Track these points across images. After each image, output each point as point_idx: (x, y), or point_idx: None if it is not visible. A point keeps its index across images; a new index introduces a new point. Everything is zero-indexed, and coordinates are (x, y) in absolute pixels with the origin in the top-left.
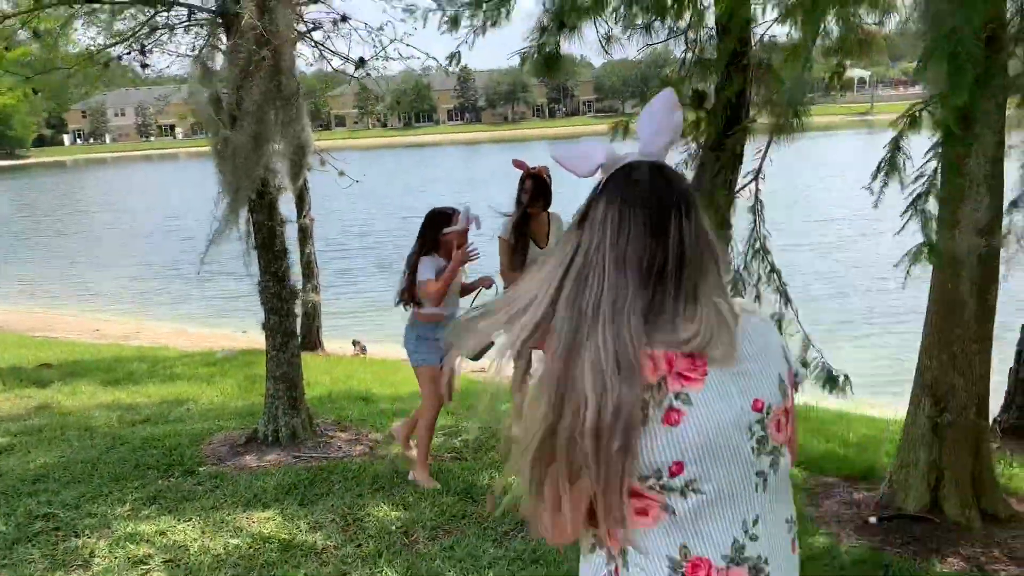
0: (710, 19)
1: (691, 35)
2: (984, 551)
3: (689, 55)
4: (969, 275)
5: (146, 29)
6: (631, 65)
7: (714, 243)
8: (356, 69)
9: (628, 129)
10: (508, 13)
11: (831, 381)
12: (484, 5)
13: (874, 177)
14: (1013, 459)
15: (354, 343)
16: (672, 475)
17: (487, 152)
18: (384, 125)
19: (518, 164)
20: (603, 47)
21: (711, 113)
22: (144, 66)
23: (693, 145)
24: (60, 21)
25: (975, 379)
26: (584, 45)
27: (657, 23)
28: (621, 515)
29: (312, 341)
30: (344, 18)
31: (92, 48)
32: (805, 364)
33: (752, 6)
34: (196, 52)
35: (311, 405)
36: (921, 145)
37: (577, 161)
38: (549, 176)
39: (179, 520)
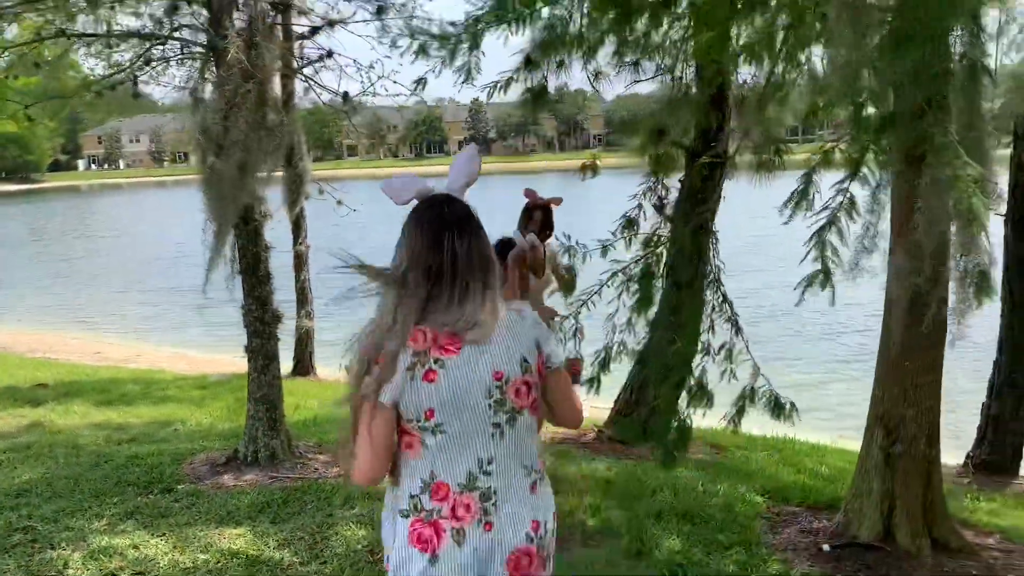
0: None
1: (677, 73)
2: None
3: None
4: (919, 312)
5: (141, 61)
6: (642, 100)
7: (488, 257)
8: (345, 103)
9: (596, 168)
10: (477, 64)
11: (777, 408)
12: (456, 46)
13: (784, 207)
14: (980, 493)
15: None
16: (427, 419)
17: (497, 183)
18: (395, 155)
19: (528, 194)
20: (591, 83)
21: (684, 148)
22: (137, 96)
23: (652, 179)
24: (58, 52)
25: (925, 411)
26: (573, 81)
27: (646, 61)
28: (374, 449)
29: (305, 366)
30: (329, 54)
31: (91, 77)
32: (754, 391)
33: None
34: (188, 84)
35: (296, 428)
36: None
37: (395, 193)
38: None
39: (152, 535)
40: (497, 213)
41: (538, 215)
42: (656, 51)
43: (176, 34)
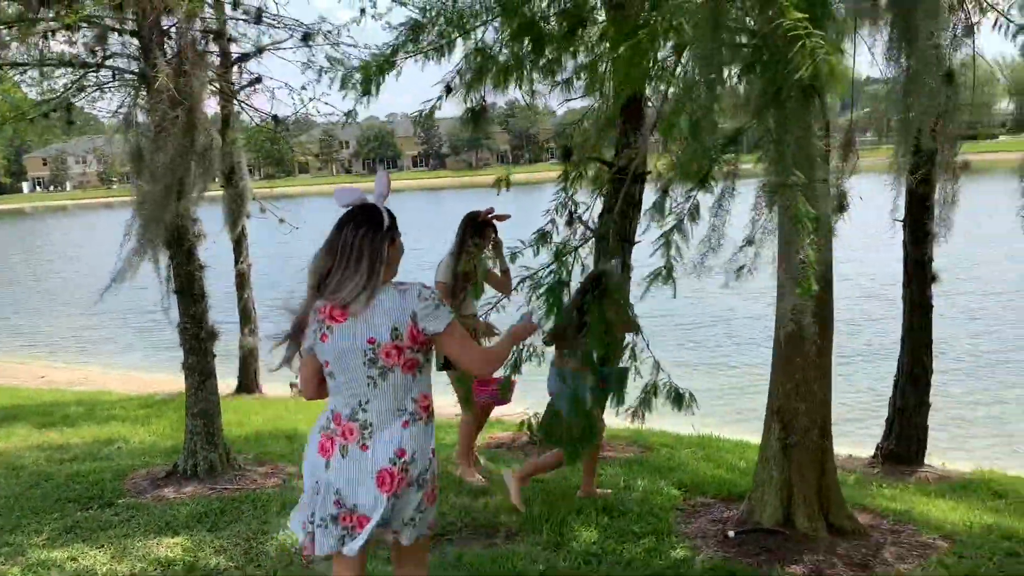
0: None
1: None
2: (825, 559)
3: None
4: (806, 310)
5: (75, 88)
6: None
7: (375, 250)
8: (277, 125)
9: (509, 182)
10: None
11: (677, 399)
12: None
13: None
14: (884, 481)
15: (291, 385)
16: (326, 367)
17: (450, 198)
18: (348, 171)
19: (488, 212)
20: (526, 102)
21: (605, 163)
22: (70, 123)
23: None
24: None
25: (816, 404)
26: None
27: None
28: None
29: (250, 384)
30: (259, 79)
31: (25, 103)
32: (655, 387)
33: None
34: (121, 110)
35: (238, 444)
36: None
37: (339, 199)
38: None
39: (91, 547)
40: (454, 225)
41: (490, 231)
42: (577, 74)
43: (108, 62)
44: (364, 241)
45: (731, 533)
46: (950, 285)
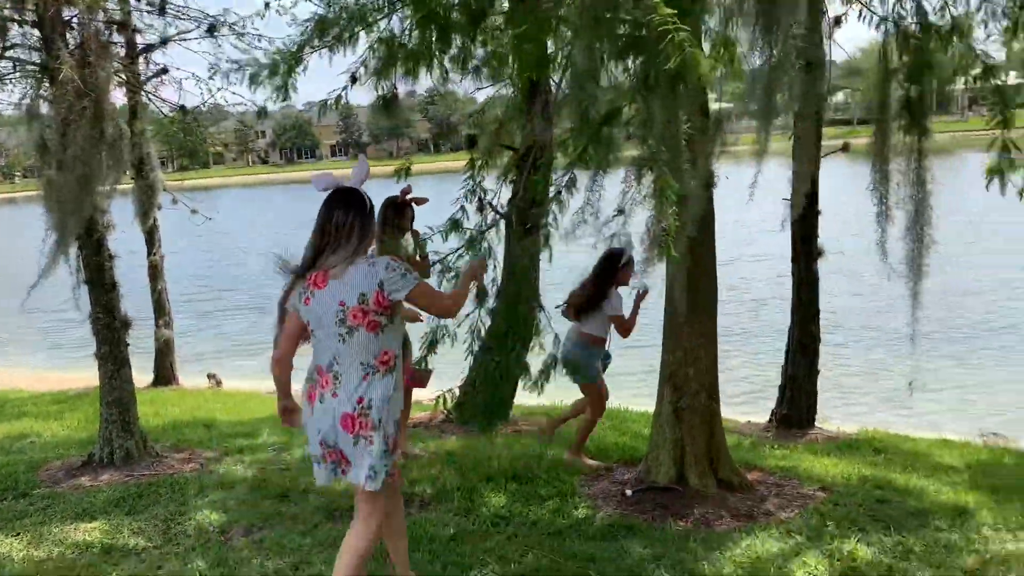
0: None
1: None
2: (713, 511)
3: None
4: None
5: None
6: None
7: (363, 226)
8: (184, 115)
9: (409, 171)
10: (292, 85)
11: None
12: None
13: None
14: (776, 443)
15: (209, 376)
16: (309, 325)
17: (371, 187)
18: (265, 161)
19: (405, 193)
20: (438, 89)
21: (512, 150)
22: None
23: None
24: None
25: (703, 370)
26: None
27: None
28: (286, 337)
29: (167, 376)
30: (165, 70)
31: None
32: (556, 359)
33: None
34: (24, 100)
35: (155, 433)
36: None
37: (318, 184)
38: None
39: (7, 535)
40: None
41: (409, 211)
42: (484, 62)
43: (8, 53)
44: (355, 221)
45: (629, 492)
46: (846, 261)
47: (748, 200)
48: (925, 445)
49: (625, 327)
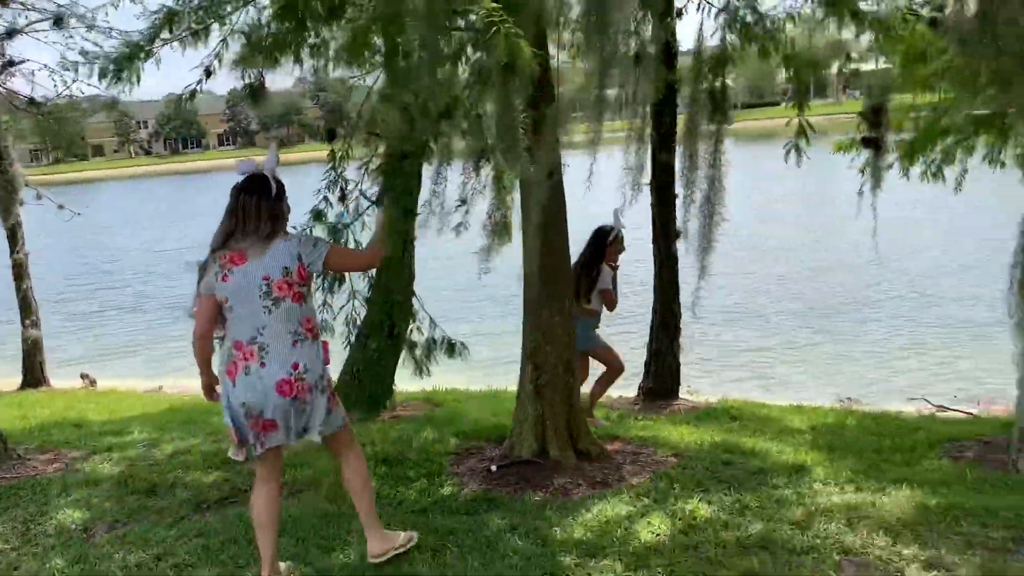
0: None
1: None
2: (571, 481)
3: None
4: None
5: None
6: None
7: (271, 208)
8: (35, 108)
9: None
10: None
11: (451, 349)
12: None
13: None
14: (641, 415)
15: (83, 376)
16: (225, 303)
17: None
18: (148, 152)
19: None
20: (312, 78)
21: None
22: None
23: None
24: None
25: (561, 347)
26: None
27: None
28: (205, 318)
29: (36, 377)
30: (11, 63)
31: None
32: (435, 341)
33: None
34: None
35: (20, 437)
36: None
37: (240, 167)
38: None
39: None
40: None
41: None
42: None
43: None
44: (262, 203)
45: (494, 468)
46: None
47: (586, 188)
48: (778, 411)
49: (613, 300)
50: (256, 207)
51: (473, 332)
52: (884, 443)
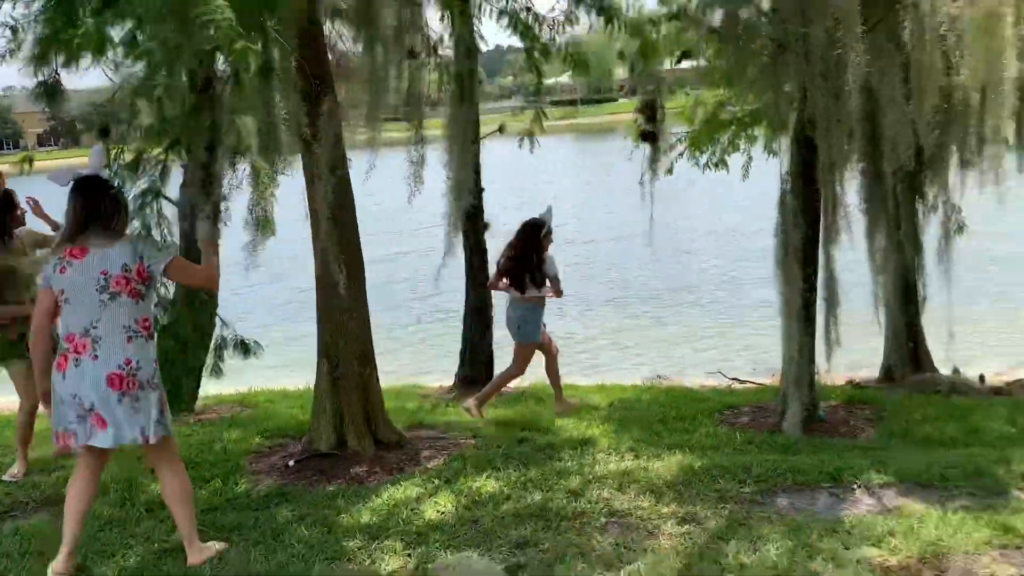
0: None
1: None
2: (368, 469)
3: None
4: (337, 260)
5: None
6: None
7: (104, 208)
8: None
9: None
10: None
11: (244, 349)
12: None
13: None
14: (453, 402)
15: None
16: (61, 295)
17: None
18: None
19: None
20: (108, 76)
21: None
22: None
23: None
24: None
25: (354, 339)
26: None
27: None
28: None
29: None
30: None
31: None
32: (225, 340)
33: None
34: None
35: None
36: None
37: (58, 180)
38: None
39: None
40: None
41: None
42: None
43: None
44: (103, 202)
45: (291, 463)
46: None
47: (364, 182)
48: (583, 391)
49: (559, 288)
50: (93, 206)
51: (303, 334)
52: (670, 413)
